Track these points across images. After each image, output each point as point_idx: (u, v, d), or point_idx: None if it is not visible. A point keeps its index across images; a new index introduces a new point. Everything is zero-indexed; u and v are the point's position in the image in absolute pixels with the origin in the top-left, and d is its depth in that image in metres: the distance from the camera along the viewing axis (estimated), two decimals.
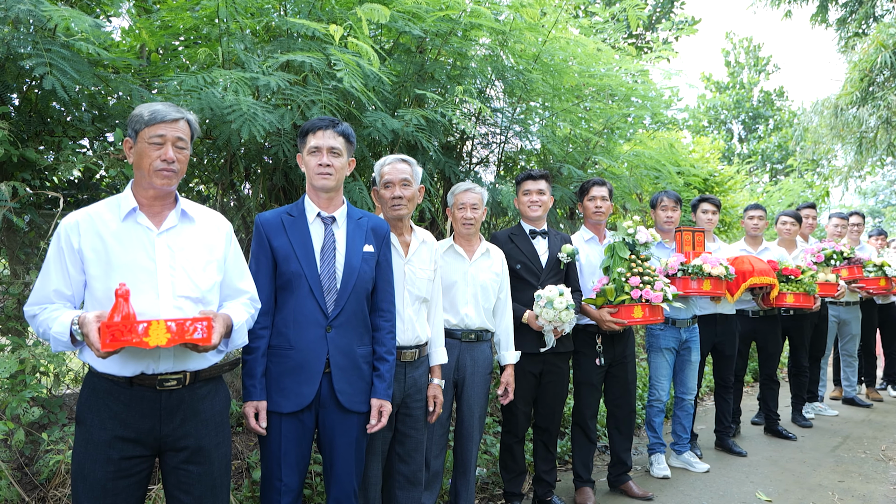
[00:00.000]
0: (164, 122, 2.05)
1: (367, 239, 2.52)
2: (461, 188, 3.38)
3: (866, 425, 5.86)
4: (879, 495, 4.04)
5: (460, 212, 3.34)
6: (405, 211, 2.80)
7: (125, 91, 3.38)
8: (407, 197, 2.78)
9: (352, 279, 2.44)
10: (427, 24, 3.91)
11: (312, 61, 3.32)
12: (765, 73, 25.27)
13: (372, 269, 2.52)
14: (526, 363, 3.54)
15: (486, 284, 3.34)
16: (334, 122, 2.47)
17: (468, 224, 3.32)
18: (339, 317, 2.41)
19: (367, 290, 2.50)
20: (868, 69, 10.49)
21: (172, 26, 3.68)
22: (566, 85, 5.18)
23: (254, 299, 2.28)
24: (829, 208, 18.16)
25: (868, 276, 5.81)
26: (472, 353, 3.29)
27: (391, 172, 2.79)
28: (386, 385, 2.49)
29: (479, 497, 3.91)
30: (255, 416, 2.38)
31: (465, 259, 3.34)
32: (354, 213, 2.58)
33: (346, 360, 2.42)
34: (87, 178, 3.72)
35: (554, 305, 3.34)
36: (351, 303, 2.44)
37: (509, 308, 3.46)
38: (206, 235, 2.16)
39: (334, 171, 2.44)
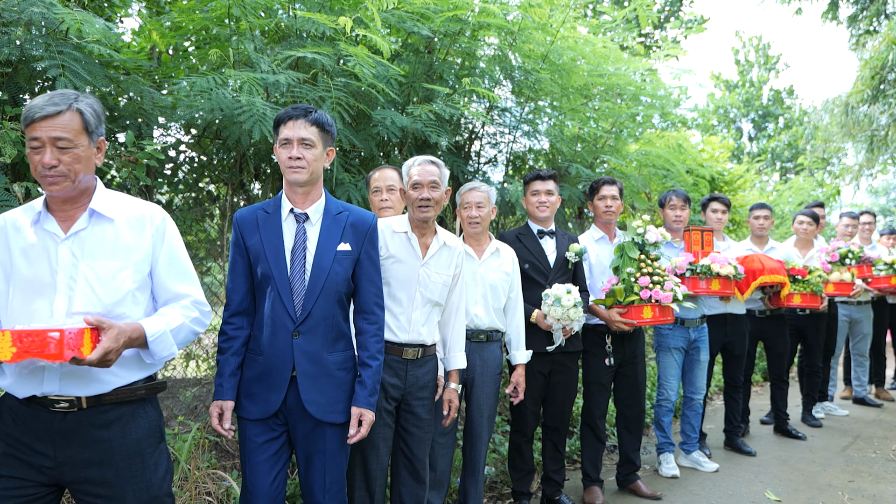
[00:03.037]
0: (37, 120, 1.76)
1: (343, 236, 2.33)
2: (466, 188, 3.39)
3: (877, 425, 5.82)
4: (889, 495, 4.02)
5: (466, 211, 3.35)
6: (432, 213, 2.74)
7: (136, 92, 3.41)
8: (435, 199, 2.72)
9: (320, 281, 2.27)
10: (436, 24, 3.92)
11: (322, 58, 3.34)
12: (775, 71, 25.11)
13: (347, 269, 2.32)
14: (535, 363, 3.53)
15: (496, 284, 3.34)
16: (307, 110, 2.28)
17: (474, 223, 3.32)
18: (307, 321, 2.25)
19: (339, 293, 2.31)
20: (879, 67, 10.43)
21: (183, 27, 3.71)
22: (574, 84, 5.17)
23: (197, 303, 2.03)
24: (839, 207, 18.04)
25: (878, 274, 5.78)
26: (482, 353, 3.29)
27: (420, 174, 2.73)
28: (367, 392, 2.31)
29: (488, 496, 3.92)
30: (219, 417, 2.29)
31: (474, 259, 3.34)
32: (333, 207, 2.38)
33: (315, 368, 2.27)
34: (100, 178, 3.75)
35: (562, 303, 3.33)
36: (320, 306, 2.27)
37: (520, 307, 3.46)
38: (123, 236, 1.91)
39: (306, 164, 2.25)
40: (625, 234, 3.81)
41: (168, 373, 3.93)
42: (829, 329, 5.99)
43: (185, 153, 4.19)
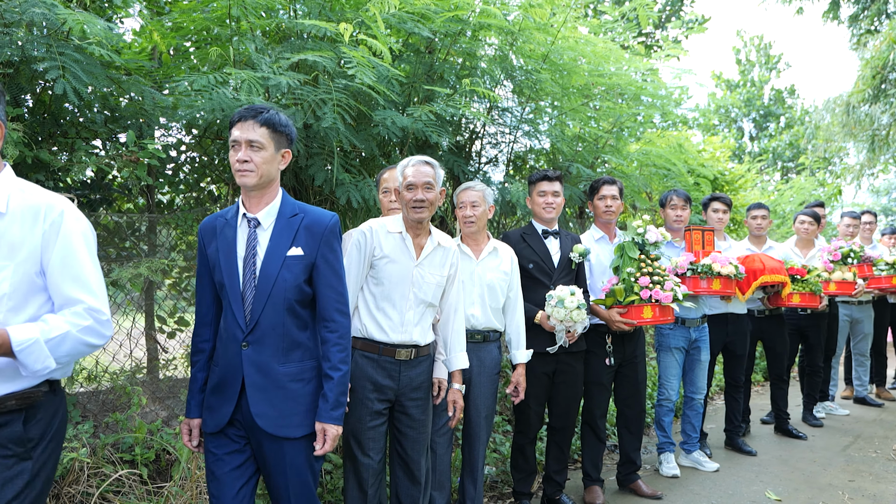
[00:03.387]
0: None
1: (295, 240, 2.20)
2: (462, 187, 3.39)
3: (877, 425, 5.82)
4: (890, 495, 4.02)
5: (461, 210, 3.35)
6: (426, 214, 2.71)
7: (137, 92, 3.42)
8: (429, 200, 2.70)
9: (267, 289, 2.15)
10: (436, 24, 3.92)
11: (324, 61, 3.34)
12: (776, 70, 25.09)
13: (297, 275, 2.19)
14: (538, 363, 3.54)
15: (494, 284, 3.33)
16: (258, 110, 2.18)
17: (469, 222, 3.32)
18: (255, 331, 2.16)
19: (289, 301, 2.18)
20: (880, 66, 10.42)
21: (183, 27, 3.71)
22: (575, 84, 5.18)
23: (92, 310, 1.78)
24: (841, 207, 18.02)
25: (880, 274, 5.78)
26: (479, 353, 3.29)
27: (415, 175, 2.70)
28: (330, 406, 2.18)
29: (489, 495, 3.93)
30: (189, 434, 2.29)
31: (471, 259, 3.34)
32: (288, 210, 2.25)
33: (265, 380, 2.16)
34: (100, 179, 3.77)
35: (565, 305, 3.33)
36: (268, 315, 2.16)
37: (520, 306, 3.45)
38: (11, 231, 1.72)
39: (255, 168, 2.14)
40: (625, 233, 3.81)
41: (169, 372, 3.94)
42: (830, 329, 5.99)
43: (187, 153, 4.20)
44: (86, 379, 3.37)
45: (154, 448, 3.12)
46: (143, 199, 4.14)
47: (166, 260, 3.56)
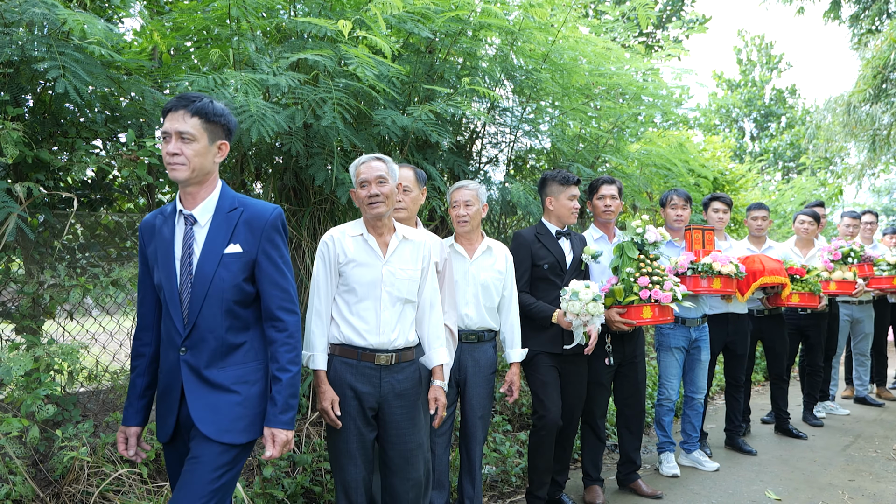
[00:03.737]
0: None
1: (234, 237, 2.08)
2: (455, 186, 3.38)
3: (878, 424, 5.82)
4: (890, 494, 4.02)
5: (454, 210, 3.35)
6: (383, 209, 2.62)
7: (137, 92, 3.42)
8: (384, 194, 2.60)
9: (203, 290, 2.04)
10: (437, 24, 3.92)
11: (324, 60, 3.34)
12: (777, 70, 25.08)
13: (236, 273, 2.07)
14: (547, 364, 3.55)
15: (488, 283, 3.33)
16: (188, 100, 2.05)
17: (462, 221, 3.32)
18: (192, 335, 2.05)
19: (228, 301, 2.07)
20: (881, 66, 10.42)
21: (184, 27, 3.72)
22: (576, 84, 5.18)
23: None
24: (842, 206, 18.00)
25: (881, 274, 5.78)
26: (474, 353, 3.31)
27: (366, 171, 2.63)
28: (279, 409, 2.07)
29: (488, 495, 3.93)
30: (125, 443, 2.19)
31: (465, 258, 3.34)
32: (227, 204, 2.13)
33: (204, 387, 2.06)
34: (101, 179, 3.77)
35: (580, 297, 3.30)
36: (205, 318, 2.05)
37: (515, 305, 3.45)
38: None
39: (186, 161, 2.02)
40: (624, 233, 3.80)
41: None
42: (831, 329, 5.99)
43: None
44: (86, 378, 3.37)
45: (154, 447, 3.12)
46: (144, 198, 4.14)
47: None
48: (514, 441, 4.49)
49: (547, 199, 3.71)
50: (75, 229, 3.72)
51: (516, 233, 3.71)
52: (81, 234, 3.73)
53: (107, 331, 3.52)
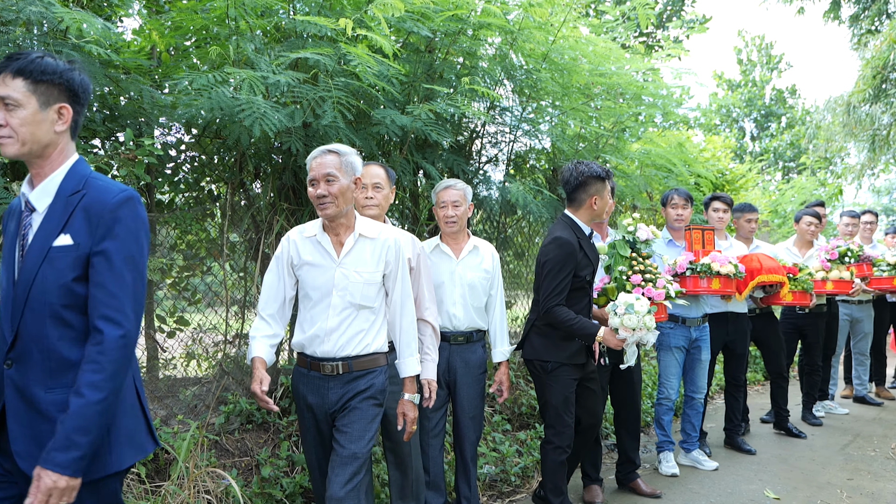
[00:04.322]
0: None
1: (67, 226, 1.70)
2: (441, 186, 3.33)
3: (876, 423, 5.82)
4: (888, 493, 4.02)
5: (442, 210, 3.30)
6: (332, 210, 2.40)
7: (136, 91, 3.42)
8: (333, 193, 2.39)
9: (24, 291, 1.68)
10: (436, 23, 3.92)
11: (324, 59, 3.34)
12: (777, 70, 25.10)
13: (63, 271, 1.68)
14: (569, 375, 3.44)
15: (475, 283, 3.31)
16: (11, 58, 1.69)
17: (451, 222, 3.28)
18: (16, 346, 1.70)
19: (53, 305, 1.68)
20: (881, 66, 10.42)
21: (183, 27, 3.71)
22: (576, 84, 5.18)
23: None
24: (842, 206, 18.01)
25: (881, 274, 5.78)
26: (463, 354, 3.29)
27: (315, 168, 2.43)
28: (55, 446, 1.59)
29: (487, 494, 3.93)
30: None
31: (451, 258, 3.31)
32: (71, 185, 1.74)
33: (28, 411, 1.69)
34: None
35: (636, 309, 3.11)
36: (27, 325, 1.68)
37: (501, 304, 3.44)
38: None
39: (12, 133, 1.67)
40: (616, 232, 3.77)
41: (169, 371, 3.94)
42: (830, 328, 5.98)
43: (186, 152, 4.20)
44: None
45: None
46: (143, 198, 4.14)
47: (165, 259, 3.56)
48: (514, 440, 4.48)
49: (591, 199, 3.35)
50: None
51: (558, 237, 3.24)
52: None
53: None
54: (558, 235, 3.23)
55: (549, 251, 3.20)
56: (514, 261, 6.17)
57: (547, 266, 3.18)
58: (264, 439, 3.61)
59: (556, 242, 3.19)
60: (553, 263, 3.17)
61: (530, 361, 3.39)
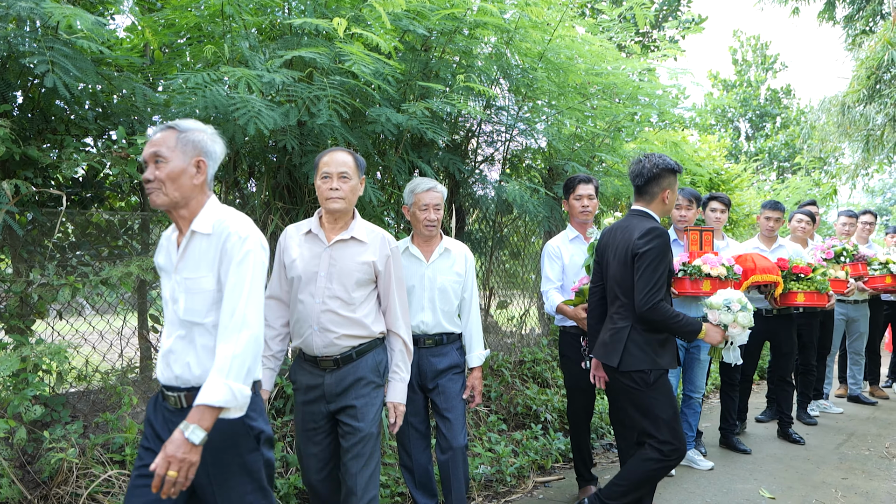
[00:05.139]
0: None
1: None
2: (423, 186, 3.14)
3: (871, 423, 5.83)
4: (883, 492, 4.02)
5: (423, 213, 3.13)
6: (159, 199, 1.98)
7: (128, 89, 3.39)
8: (159, 178, 1.97)
9: None
10: (432, 22, 3.90)
11: (319, 58, 3.31)
12: (772, 71, 25.17)
13: None
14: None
15: (446, 286, 3.19)
16: None
17: (431, 226, 3.14)
18: None
19: None
20: (875, 67, 10.43)
21: (176, 24, 3.68)
22: (572, 83, 5.16)
23: None
24: (836, 206, 18.07)
25: (874, 273, 5.78)
26: (433, 357, 3.18)
27: (145, 147, 2.08)
28: None
29: (483, 494, 3.91)
30: None
31: (421, 261, 3.20)
32: None
33: None
34: (92, 177, 3.74)
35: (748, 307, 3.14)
36: None
37: (475, 307, 3.32)
38: None
39: None
40: (597, 231, 3.65)
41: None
42: (826, 327, 5.99)
43: None
44: (76, 378, 3.34)
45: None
46: (137, 197, 4.11)
47: None
48: (509, 441, 4.47)
49: (664, 193, 3.17)
50: (66, 228, 3.68)
51: (654, 227, 3.02)
52: (72, 232, 3.70)
53: (97, 330, 3.49)
54: (654, 226, 3.00)
55: (646, 243, 2.96)
56: (510, 260, 6.15)
57: (647, 258, 2.94)
58: None
59: (653, 233, 2.96)
60: (654, 255, 2.95)
61: (628, 374, 3.03)
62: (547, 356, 5.74)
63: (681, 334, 3.06)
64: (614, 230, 3.22)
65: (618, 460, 4.12)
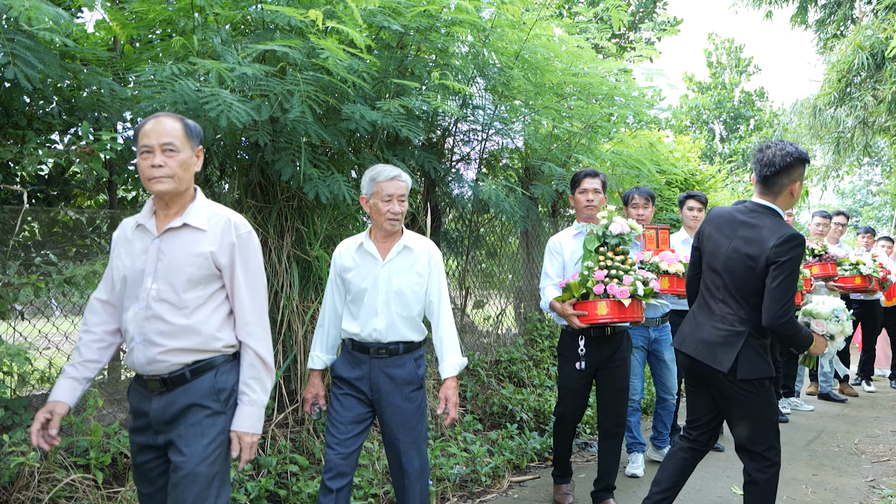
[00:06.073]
0: None
1: None
2: (387, 174, 2.79)
3: (840, 420, 5.92)
4: (851, 488, 4.08)
5: (386, 204, 2.76)
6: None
7: (95, 84, 3.31)
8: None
9: None
10: (407, 19, 3.87)
11: (292, 52, 3.26)
12: (746, 74, 25.53)
13: None
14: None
15: (404, 289, 2.79)
16: None
17: (395, 220, 2.78)
18: None
19: None
20: (846, 70, 10.61)
21: (146, 18, 3.60)
22: (548, 83, 5.17)
23: None
24: (808, 207, 18.39)
25: (844, 273, 5.88)
26: (386, 369, 2.78)
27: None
28: None
29: (458, 495, 3.89)
30: None
31: (376, 259, 2.79)
32: None
33: None
34: (58, 174, 3.65)
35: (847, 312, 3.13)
36: None
37: (446, 311, 2.92)
38: None
39: None
40: (593, 226, 3.56)
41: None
42: None
43: None
44: (38, 381, 3.25)
45: (111, 451, 3.01)
46: (104, 195, 4.02)
47: None
48: (485, 440, 4.45)
49: (793, 185, 2.87)
50: (31, 226, 3.59)
51: (795, 234, 2.76)
52: (38, 231, 3.60)
53: (61, 332, 3.39)
54: (793, 233, 2.72)
55: (787, 251, 2.69)
56: (487, 260, 6.14)
57: (786, 269, 2.68)
58: None
59: (794, 241, 2.70)
60: (793, 266, 2.70)
61: (750, 381, 2.83)
62: (523, 356, 5.73)
63: (799, 346, 2.88)
64: (729, 220, 2.94)
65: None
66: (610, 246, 3.48)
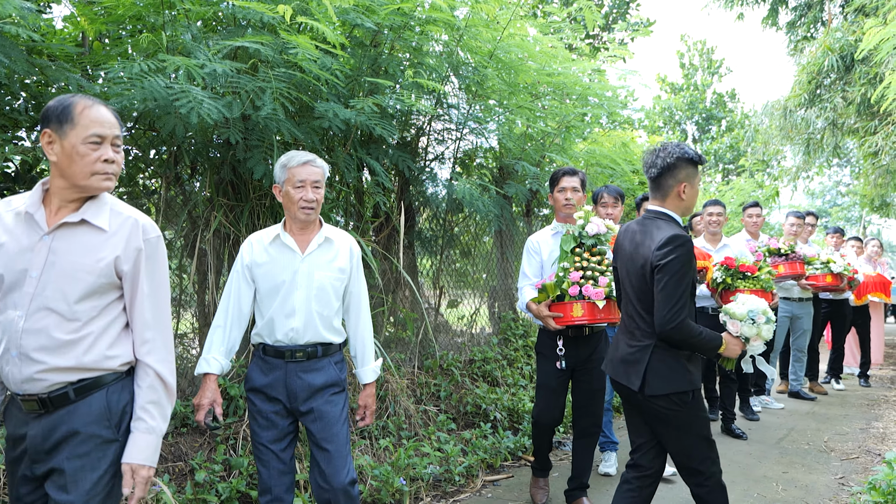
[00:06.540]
0: None
1: None
2: (298, 159, 2.61)
3: (810, 418, 6.03)
4: (821, 485, 4.15)
5: (298, 191, 2.58)
6: None
7: (63, 80, 3.24)
8: None
9: None
10: (380, 17, 3.86)
11: (264, 49, 3.23)
12: (718, 75, 25.88)
13: None
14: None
15: (325, 285, 2.62)
16: None
17: (308, 208, 2.59)
18: None
19: None
20: (816, 72, 10.82)
21: (115, 14, 3.54)
22: (522, 82, 5.19)
23: None
24: (779, 208, 18.75)
25: (814, 272, 5.99)
26: (304, 374, 2.60)
27: None
28: None
29: (431, 494, 3.89)
30: None
31: (295, 253, 2.61)
32: None
33: None
34: (26, 171, 3.57)
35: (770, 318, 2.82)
36: None
37: (365, 311, 2.80)
38: None
39: None
40: (570, 226, 3.55)
41: None
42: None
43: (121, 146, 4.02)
44: None
45: None
46: None
47: None
48: (458, 440, 4.45)
49: (679, 186, 2.72)
50: None
51: (676, 235, 2.60)
52: None
53: None
54: (674, 234, 2.58)
55: (667, 254, 2.55)
56: (461, 259, 6.15)
57: (668, 271, 2.54)
58: (199, 443, 3.48)
59: (674, 242, 2.55)
60: (676, 268, 2.55)
61: (665, 397, 2.63)
62: (497, 355, 5.75)
63: (703, 351, 2.67)
64: (629, 232, 2.84)
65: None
66: (586, 246, 3.46)
